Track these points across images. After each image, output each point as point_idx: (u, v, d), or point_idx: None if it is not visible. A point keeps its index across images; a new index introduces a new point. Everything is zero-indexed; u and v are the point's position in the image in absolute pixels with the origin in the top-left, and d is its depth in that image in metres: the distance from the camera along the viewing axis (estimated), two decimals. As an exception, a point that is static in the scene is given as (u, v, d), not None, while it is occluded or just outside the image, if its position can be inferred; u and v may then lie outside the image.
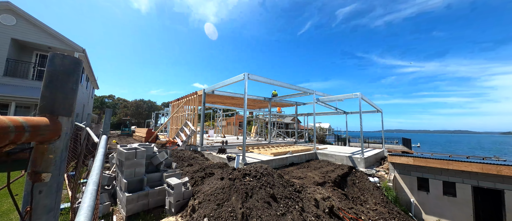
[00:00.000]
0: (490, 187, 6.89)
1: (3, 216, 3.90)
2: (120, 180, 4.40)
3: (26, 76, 11.38)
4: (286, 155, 8.90)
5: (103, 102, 50.99)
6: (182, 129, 12.40)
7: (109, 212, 4.25)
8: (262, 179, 4.49)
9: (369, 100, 11.71)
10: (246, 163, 7.02)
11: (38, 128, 0.64)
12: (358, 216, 4.91)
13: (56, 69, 0.79)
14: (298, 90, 11.27)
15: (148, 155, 5.11)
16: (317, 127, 24.92)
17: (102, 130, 2.28)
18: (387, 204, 6.36)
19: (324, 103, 13.90)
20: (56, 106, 0.78)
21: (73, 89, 0.83)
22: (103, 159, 1.27)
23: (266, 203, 3.82)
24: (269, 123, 16.78)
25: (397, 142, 24.94)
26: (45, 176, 0.74)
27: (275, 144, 13.70)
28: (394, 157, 8.66)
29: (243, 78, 8.01)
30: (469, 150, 56.41)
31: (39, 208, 0.73)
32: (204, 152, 9.97)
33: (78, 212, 0.65)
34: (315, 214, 4.07)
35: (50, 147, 0.75)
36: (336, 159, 9.73)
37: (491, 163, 6.83)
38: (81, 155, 4.20)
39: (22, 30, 10.87)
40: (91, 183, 0.87)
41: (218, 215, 3.49)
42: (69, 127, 0.83)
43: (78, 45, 12.11)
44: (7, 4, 10.39)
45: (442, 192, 7.66)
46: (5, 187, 0.62)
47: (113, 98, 56.40)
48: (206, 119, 39.41)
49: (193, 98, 12.61)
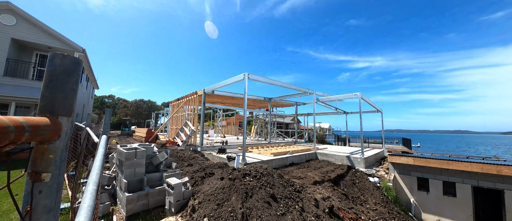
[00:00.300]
0: (490, 187, 6.89)
1: (3, 216, 3.90)
2: (120, 180, 4.40)
3: (26, 76, 11.38)
4: (286, 155, 8.90)
5: (103, 102, 51.00)
6: (182, 129, 12.40)
7: (109, 212, 4.25)
8: (262, 179, 4.49)
9: (369, 100, 11.72)
10: (246, 163, 7.02)
11: (38, 128, 0.64)
12: (358, 216, 4.91)
13: (56, 69, 0.79)
14: (298, 90, 11.27)
15: (148, 155, 5.12)
16: (317, 127, 24.92)
17: (102, 130, 2.28)
18: (387, 204, 6.36)
19: (324, 103, 13.90)
20: (56, 106, 0.78)
21: (73, 89, 0.83)
22: (103, 159, 1.27)
23: (266, 203, 3.82)
24: (269, 123, 16.78)
25: (397, 142, 24.93)
26: (45, 176, 0.74)
27: (275, 144, 13.70)
28: (394, 157, 8.66)
29: (243, 78, 8.02)
30: (458, 148, 62.26)
31: (39, 208, 0.73)
32: (204, 152, 9.97)
33: (78, 212, 0.65)
34: (315, 214, 4.07)
35: (50, 147, 0.75)
36: (336, 159, 9.73)
37: (491, 163, 6.83)
38: (81, 155, 4.21)
39: (22, 30, 10.87)
40: (91, 183, 0.87)
41: (218, 215, 3.49)
42: (69, 127, 0.83)
43: (78, 45, 12.11)
44: (7, 4, 10.39)
45: (442, 192, 7.66)
46: (5, 187, 0.62)
47: (113, 98, 56.43)
48: (206, 119, 39.42)
49: (193, 98, 12.61)
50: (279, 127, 36.72)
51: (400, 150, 16.70)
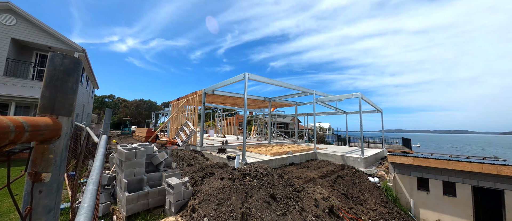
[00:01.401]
0: (490, 187, 6.90)
1: (3, 216, 3.91)
2: (120, 179, 4.41)
3: (26, 76, 11.39)
4: (286, 155, 8.90)
5: (103, 102, 51.01)
6: (182, 129, 12.41)
7: (109, 212, 4.25)
8: (262, 179, 4.49)
9: (369, 100, 11.72)
10: (246, 163, 7.02)
11: (38, 128, 0.64)
12: (358, 216, 4.92)
13: (56, 69, 0.79)
14: (298, 90, 11.26)
15: (148, 155, 5.12)
16: (317, 127, 24.92)
17: (102, 130, 2.28)
18: (387, 204, 6.37)
19: (324, 103, 13.90)
20: (56, 106, 0.78)
21: (73, 89, 0.83)
22: (103, 159, 1.27)
23: (266, 203, 3.82)
24: (269, 123, 16.78)
25: (397, 142, 24.93)
26: (45, 176, 0.74)
27: (275, 144, 13.70)
28: (394, 157, 8.66)
29: (243, 78, 8.02)
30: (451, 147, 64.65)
31: (39, 208, 0.73)
32: (204, 152, 9.97)
33: (78, 212, 0.65)
34: (315, 214, 4.07)
35: (50, 147, 0.75)
36: (336, 159, 9.74)
37: (491, 163, 6.83)
38: (81, 155, 4.21)
39: (22, 30, 10.88)
40: (91, 183, 0.87)
41: (218, 215, 3.50)
42: (69, 127, 0.83)
43: (78, 45, 12.12)
44: (7, 4, 10.39)
45: (442, 192, 7.66)
46: (5, 187, 0.62)
47: (113, 98, 56.44)
48: (206, 119, 39.43)
49: (193, 98, 12.62)
50: (279, 127, 36.73)
51: (400, 150, 16.71)
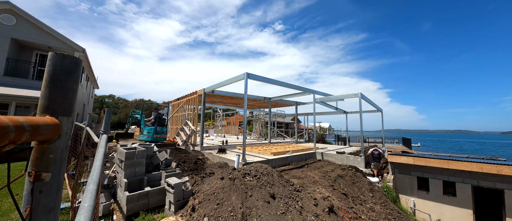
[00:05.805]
0: (490, 186, 6.90)
1: (4, 215, 3.91)
2: (120, 179, 4.41)
3: (26, 76, 11.38)
4: (286, 155, 8.90)
5: (103, 102, 50.98)
6: (182, 128, 12.40)
7: (109, 212, 4.25)
8: (262, 178, 4.49)
9: (369, 100, 11.72)
10: (246, 162, 7.02)
11: (38, 127, 0.64)
12: (358, 215, 4.92)
13: (56, 68, 0.79)
14: (298, 90, 11.26)
15: (148, 154, 5.12)
16: (317, 126, 24.93)
17: (102, 130, 2.28)
18: (387, 204, 6.37)
19: (324, 103, 13.89)
20: (56, 105, 0.78)
21: (73, 88, 0.83)
22: (103, 158, 1.27)
23: (266, 203, 3.83)
24: (269, 123, 16.78)
25: (397, 142, 24.92)
26: (45, 176, 0.73)
27: (275, 144, 13.70)
28: (394, 157, 8.66)
29: (243, 77, 8.01)
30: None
31: (40, 208, 0.73)
32: (204, 151, 9.97)
33: (78, 212, 0.65)
34: (315, 214, 4.07)
35: (50, 147, 0.75)
36: (336, 158, 9.74)
37: (491, 163, 6.83)
38: (81, 155, 4.21)
39: (22, 30, 10.87)
40: (92, 182, 0.87)
41: (218, 215, 3.50)
42: (69, 126, 0.83)
43: (78, 44, 12.13)
44: (7, 4, 10.39)
45: (442, 191, 7.67)
46: (5, 186, 0.62)
47: (114, 98, 56.43)
48: (206, 119, 39.39)
49: (193, 98, 12.61)
50: (279, 127, 36.72)
51: (400, 149, 16.71)
